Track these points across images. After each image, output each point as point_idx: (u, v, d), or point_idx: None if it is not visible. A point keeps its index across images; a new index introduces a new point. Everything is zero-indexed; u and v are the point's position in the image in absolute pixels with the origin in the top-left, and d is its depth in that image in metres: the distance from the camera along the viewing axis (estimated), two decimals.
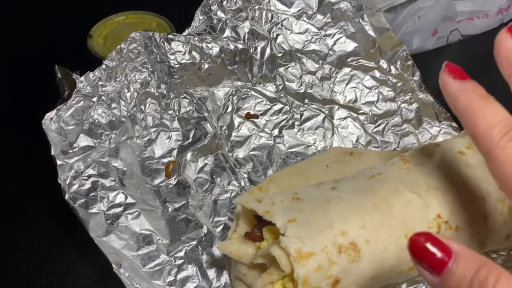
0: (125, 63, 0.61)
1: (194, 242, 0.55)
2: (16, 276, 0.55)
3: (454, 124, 0.65)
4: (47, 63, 0.60)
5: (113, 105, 0.60)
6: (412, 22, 0.75)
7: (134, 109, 0.61)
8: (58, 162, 0.54)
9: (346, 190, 0.50)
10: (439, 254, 0.31)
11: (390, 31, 0.66)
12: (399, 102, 0.67)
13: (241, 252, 0.47)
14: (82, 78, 0.58)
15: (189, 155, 0.61)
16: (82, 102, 0.58)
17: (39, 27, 0.84)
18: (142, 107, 0.62)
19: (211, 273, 0.53)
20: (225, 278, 0.53)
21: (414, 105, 0.66)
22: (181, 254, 0.54)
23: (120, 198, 0.55)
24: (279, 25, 0.67)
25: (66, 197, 0.53)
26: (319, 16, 0.67)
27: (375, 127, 0.66)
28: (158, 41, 0.62)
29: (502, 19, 0.85)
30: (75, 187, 0.54)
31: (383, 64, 0.67)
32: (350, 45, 0.68)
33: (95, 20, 0.78)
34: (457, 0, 0.77)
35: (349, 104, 0.67)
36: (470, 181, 0.52)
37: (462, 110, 0.38)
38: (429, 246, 0.31)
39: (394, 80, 0.67)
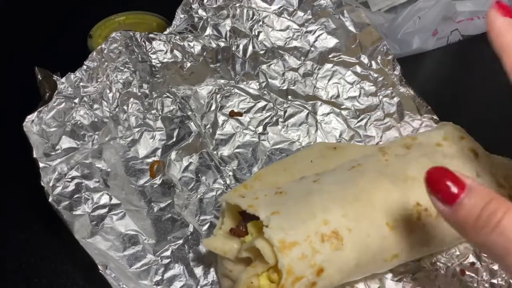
0: (106, 63, 0.60)
1: (181, 241, 0.55)
2: (16, 276, 0.55)
3: (435, 117, 0.66)
4: (47, 63, 0.59)
5: (95, 106, 0.59)
6: (412, 23, 0.75)
7: (117, 109, 0.61)
8: (41, 165, 0.53)
9: (327, 182, 0.51)
10: (453, 187, 0.34)
11: (370, 26, 0.66)
12: (380, 97, 0.68)
13: (226, 248, 0.47)
14: (63, 80, 0.58)
15: (173, 155, 0.61)
16: (63, 103, 0.57)
17: (39, 27, 0.83)
18: (125, 107, 0.62)
19: (198, 271, 0.53)
20: (212, 275, 0.53)
21: (396, 99, 0.67)
22: (168, 253, 0.54)
23: (104, 199, 0.55)
24: (261, 23, 0.67)
25: (50, 199, 0.52)
26: (300, 13, 0.68)
27: (358, 121, 0.67)
28: (139, 40, 0.62)
29: None
30: (58, 189, 0.54)
31: (364, 59, 0.68)
32: (331, 41, 0.68)
33: (95, 20, 0.77)
34: (457, 0, 0.77)
35: (332, 100, 0.68)
36: None
37: (506, 45, 0.38)
38: (445, 179, 0.34)
39: (375, 75, 0.68)
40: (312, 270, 0.44)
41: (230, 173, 0.61)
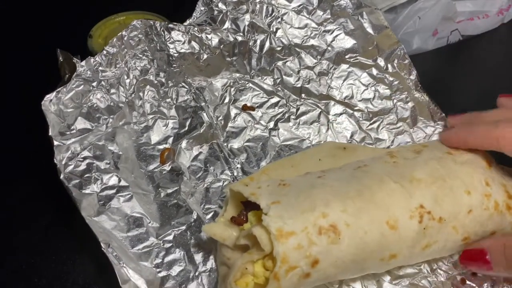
0: (125, 50, 0.62)
1: (184, 227, 0.56)
2: (16, 276, 0.56)
3: None
4: (47, 62, 0.60)
5: (112, 90, 0.61)
6: (412, 23, 0.75)
7: (133, 95, 0.63)
8: (55, 143, 0.55)
9: (331, 178, 0.51)
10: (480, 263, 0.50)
11: (388, 29, 0.66)
12: (395, 101, 0.67)
13: (225, 235, 0.48)
14: (83, 63, 0.60)
15: (184, 143, 0.62)
16: (82, 86, 0.59)
17: (39, 26, 0.84)
18: (141, 94, 0.63)
19: (198, 257, 0.54)
20: (211, 263, 0.54)
21: (410, 104, 0.67)
22: (170, 238, 0.55)
23: (113, 181, 0.57)
24: (279, 19, 0.68)
25: (61, 176, 0.54)
26: (319, 12, 0.68)
27: (370, 124, 0.66)
28: (159, 29, 0.64)
29: (502, 20, 0.85)
30: (70, 168, 0.55)
31: (381, 62, 0.67)
32: (349, 42, 0.68)
33: (96, 20, 0.77)
34: (457, 1, 0.77)
35: (345, 101, 0.68)
36: (456, 175, 0.52)
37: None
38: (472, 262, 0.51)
39: (391, 79, 0.67)
40: (307, 261, 0.44)
41: (238, 166, 0.62)
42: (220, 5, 0.66)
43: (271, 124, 0.66)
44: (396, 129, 0.66)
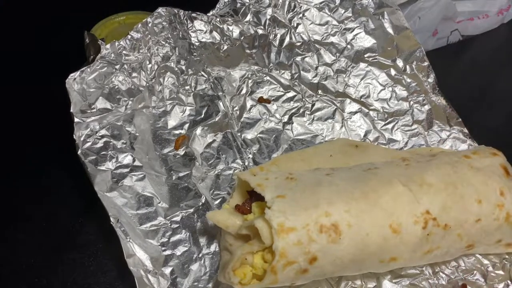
0: (149, 36, 0.64)
1: (191, 210, 0.57)
2: (16, 276, 0.57)
3: (465, 130, 0.65)
4: (47, 62, 0.62)
5: (134, 74, 0.63)
6: (412, 23, 0.75)
7: (153, 80, 0.65)
8: (76, 120, 0.58)
9: (339, 177, 0.51)
10: None
11: (409, 30, 0.66)
12: (411, 102, 0.67)
13: (228, 223, 0.49)
14: (108, 46, 0.62)
15: (199, 130, 0.64)
16: (105, 68, 0.62)
17: (39, 26, 0.84)
18: (161, 79, 0.65)
19: (203, 240, 0.56)
20: (215, 246, 0.55)
21: (426, 107, 0.67)
22: (178, 219, 0.57)
23: (128, 160, 0.59)
24: (301, 15, 0.69)
25: (79, 152, 0.57)
26: (341, 10, 0.69)
27: (385, 124, 0.67)
28: (182, 18, 0.65)
29: (502, 20, 0.85)
30: (88, 144, 0.58)
31: (399, 63, 0.67)
32: (369, 41, 0.68)
33: (95, 20, 0.76)
34: (457, 1, 0.76)
35: (361, 99, 0.68)
36: (470, 182, 0.52)
37: None
38: None
39: (409, 80, 0.67)
40: (306, 257, 0.45)
41: (250, 156, 0.64)
42: None
43: (286, 118, 0.67)
44: (410, 131, 0.66)
